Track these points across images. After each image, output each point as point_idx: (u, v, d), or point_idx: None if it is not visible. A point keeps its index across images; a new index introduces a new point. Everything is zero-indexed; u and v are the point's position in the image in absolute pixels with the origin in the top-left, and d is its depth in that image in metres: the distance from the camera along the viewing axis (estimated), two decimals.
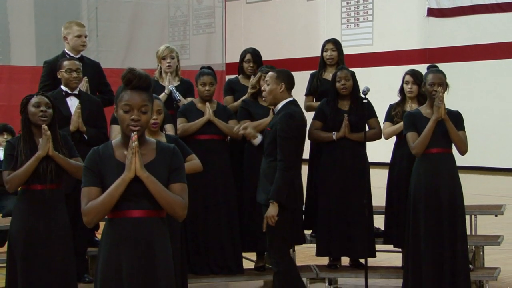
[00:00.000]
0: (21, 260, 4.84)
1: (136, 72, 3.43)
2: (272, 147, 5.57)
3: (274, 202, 5.41)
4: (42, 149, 4.82)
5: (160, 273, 3.43)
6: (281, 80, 5.63)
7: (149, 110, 3.45)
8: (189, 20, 18.37)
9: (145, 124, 3.43)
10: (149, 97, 3.46)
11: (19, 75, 14.83)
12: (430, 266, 5.77)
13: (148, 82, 3.45)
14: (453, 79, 5.95)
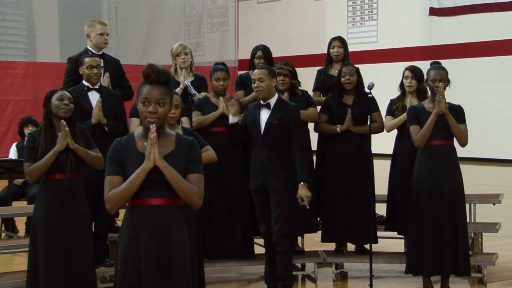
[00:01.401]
0: (43, 245, 4.85)
1: (155, 67, 3.44)
2: (280, 139, 5.62)
3: (305, 185, 5.58)
4: (60, 144, 4.83)
5: (176, 257, 3.43)
6: (273, 75, 5.73)
7: (167, 103, 3.44)
8: (203, 19, 18.38)
9: (162, 117, 3.43)
10: (167, 91, 3.45)
11: (44, 71, 14.90)
12: (432, 251, 5.78)
13: (166, 76, 3.45)
14: (453, 74, 5.93)
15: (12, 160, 7.87)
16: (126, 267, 3.43)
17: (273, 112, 5.71)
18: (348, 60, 7.11)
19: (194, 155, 3.49)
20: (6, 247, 6.62)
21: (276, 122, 5.66)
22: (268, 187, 5.66)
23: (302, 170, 5.61)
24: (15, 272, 6.34)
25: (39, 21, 15.89)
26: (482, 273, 6.45)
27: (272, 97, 5.73)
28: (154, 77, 3.41)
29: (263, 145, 5.70)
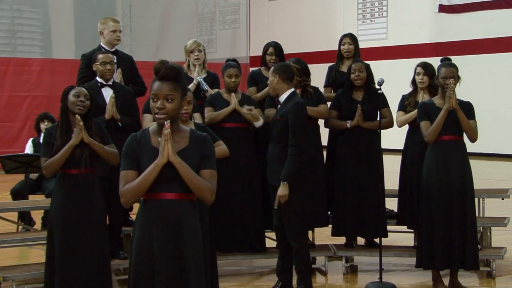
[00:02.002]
0: (58, 239, 4.87)
1: (165, 63, 3.44)
2: (282, 135, 5.59)
3: (285, 183, 5.47)
4: (75, 138, 4.84)
5: (189, 250, 3.43)
6: (276, 72, 5.69)
7: (176, 99, 3.42)
8: (215, 16, 18.39)
9: (171, 112, 3.41)
10: (176, 87, 3.42)
11: (59, 68, 14.94)
12: (442, 246, 5.76)
13: (176, 72, 3.43)
14: (463, 71, 5.91)
15: (28, 155, 7.91)
16: (140, 260, 3.44)
17: (280, 109, 5.71)
18: (359, 56, 7.10)
19: (208, 151, 3.49)
20: (23, 239, 6.64)
21: (279, 119, 5.64)
22: (270, 183, 5.66)
23: (285, 168, 5.51)
24: (30, 265, 6.36)
25: (55, 18, 15.93)
26: (490, 267, 6.43)
27: (282, 94, 5.70)
28: (163, 72, 3.41)
29: (271, 141, 5.71)
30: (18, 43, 15.39)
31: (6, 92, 14.73)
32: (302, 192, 5.71)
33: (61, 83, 14.02)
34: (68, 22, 16.03)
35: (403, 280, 6.33)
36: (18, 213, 7.61)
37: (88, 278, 4.87)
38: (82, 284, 4.85)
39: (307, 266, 5.78)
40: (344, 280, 6.50)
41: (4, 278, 5.79)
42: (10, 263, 6.47)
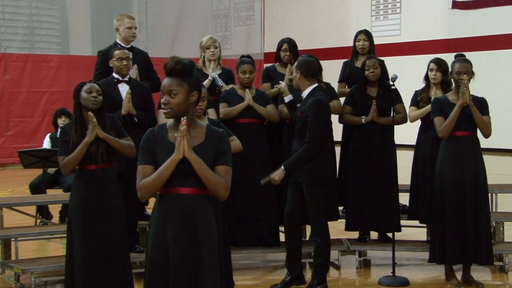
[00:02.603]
0: (78, 233, 4.88)
1: (174, 58, 3.43)
2: (304, 131, 5.57)
3: (284, 170, 5.51)
4: (90, 135, 4.84)
5: (203, 244, 3.42)
6: (298, 68, 5.68)
7: (180, 94, 3.40)
8: (230, 13, 18.39)
9: (174, 107, 3.40)
10: (181, 82, 3.40)
11: (76, 64, 15.00)
12: (455, 240, 5.74)
13: (181, 67, 3.41)
14: (475, 67, 5.88)
15: (46, 150, 7.94)
16: (155, 253, 3.44)
17: (301, 105, 5.70)
18: (373, 53, 7.08)
19: (224, 147, 3.48)
20: (41, 233, 6.69)
21: (300, 115, 5.63)
22: (297, 179, 5.65)
23: (292, 158, 5.56)
24: (49, 258, 6.40)
25: (72, 15, 15.99)
26: (503, 262, 6.42)
27: (304, 89, 5.67)
28: (169, 67, 3.41)
29: (294, 138, 5.70)
30: (37, 39, 15.46)
31: (24, 88, 14.80)
32: (328, 189, 5.77)
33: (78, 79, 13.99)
34: (85, 19, 16.08)
35: (416, 274, 6.31)
36: (36, 207, 7.66)
37: (108, 271, 4.89)
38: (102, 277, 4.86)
39: (325, 262, 5.78)
40: (357, 274, 6.49)
41: (23, 270, 5.83)
42: (28, 256, 6.50)
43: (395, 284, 5.97)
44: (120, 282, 4.92)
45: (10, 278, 6.11)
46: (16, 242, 6.25)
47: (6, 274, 6.20)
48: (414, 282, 6.07)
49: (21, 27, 15.09)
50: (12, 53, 14.70)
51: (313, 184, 5.59)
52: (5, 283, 6.09)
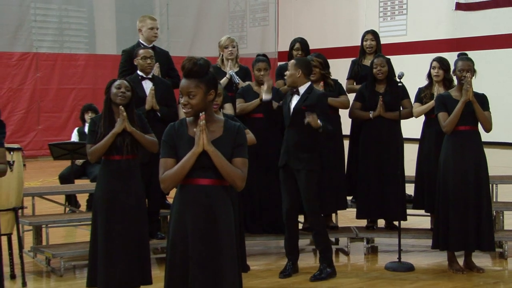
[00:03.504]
0: (102, 219, 4.90)
1: (190, 59, 3.41)
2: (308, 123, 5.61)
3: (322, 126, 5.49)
4: (118, 127, 4.86)
5: (221, 231, 3.42)
6: (299, 67, 5.70)
7: (198, 94, 3.39)
8: (246, 14, 18.37)
9: (195, 107, 3.40)
10: (199, 83, 3.39)
11: (102, 62, 15.05)
12: (457, 228, 5.74)
13: (198, 68, 3.39)
14: (477, 65, 5.85)
15: (74, 143, 7.99)
16: (176, 239, 3.45)
17: (301, 99, 5.69)
18: (380, 51, 7.07)
19: (240, 140, 3.48)
20: (70, 220, 6.73)
21: (304, 108, 5.63)
22: (293, 167, 5.65)
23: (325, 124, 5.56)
24: (76, 243, 6.45)
25: (99, 17, 16.03)
26: (503, 248, 6.40)
27: (301, 85, 5.71)
28: (186, 69, 3.40)
29: (291, 128, 5.69)
30: (65, 40, 15.51)
31: (54, 85, 14.88)
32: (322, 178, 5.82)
33: (104, 76, 14.15)
34: (111, 21, 16.12)
35: (421, 260, 6.30)
36: (65, 196, 7.70)
37: (129, 256, 4.91)
38: (123, 261, 4.88)
39: (328, 246, 5.80)
40: (365, 260, 6.48)
41: (53, 255, 5.88)
42: (58, 241, 6.55)
43: (401, 269, 5.96)
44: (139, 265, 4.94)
45: (41, 262, 6.15)
46: (47, 229, 6.29)
47: (38, 258, 6.24)
48: (419, 267, 6.06)
49: (51, 28, 15.15)
50: (42, 53, 14.77)
51: (312, 171, 5.62)
52: (37, 266, 6.13)
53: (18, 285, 5.52)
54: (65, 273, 5.85)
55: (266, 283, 5.62)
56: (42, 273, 5.97)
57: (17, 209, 5.44)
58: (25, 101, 14.57)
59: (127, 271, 4.88)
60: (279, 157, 6.20)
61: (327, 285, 5.57)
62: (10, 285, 5.47)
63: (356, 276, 5.87)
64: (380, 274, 5.89)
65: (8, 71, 14.37)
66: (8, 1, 14.45)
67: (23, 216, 6.17)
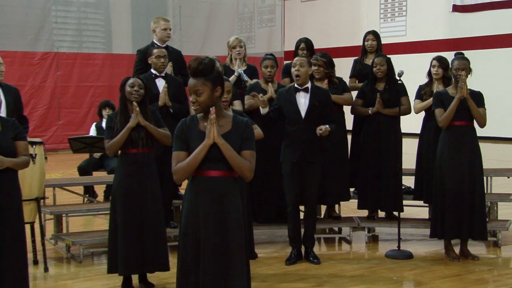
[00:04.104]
0: (120, 209, 4.92)
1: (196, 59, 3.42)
2: (319, 118, 5.69)
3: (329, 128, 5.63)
4: (132, 121, 4.88)
5: (230, 220, 3.43)
6: (310, 65, 5.81)
7: (205, 92, 3.40)
8: (254, 16, 18.34)
9: (202, 104, 3.41)
10: (205, 81, 3.40)
11: (118, 61, 15.07)
12: (452, 218, 5.72)
13: (203, 67, 3.40)
14: (474, 64, 5.82)
15: (92, 137, 8.00)
16: (188, 227, 3.46)
17: (312, 96, 5.68)
18: (381, 51, 7.04)
19: (248, 134, 3.48)
20: (88, 210, 6.75)
21: (317, 104, 5.64)
22: (309, 160, 5.65)
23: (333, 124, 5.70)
24: (94, 232, 6.47)
25: (115, 18, 16.03)
26: (497, 237, 6.39)
27: (307, 83, 5.72)
28: (192, 68, 3.41)
29: (305, 124, 5.67)
30: (84, 40, 15.53)
31: (73, 83, 14.91)
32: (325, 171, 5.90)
33: (120, 74, 14.13)
34: (126, 22, 16.12)
35: (419, 248, 6.29)
36: (84, 187, 7.72)
37: (147, 244, 4.92)
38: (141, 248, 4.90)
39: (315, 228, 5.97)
40: (367, 248, 6.48)
41: (73, 242, 5.90)
42: (77, 230, 6.57)
43: (400, 257, 5.95)
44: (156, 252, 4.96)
45: (62, 249, 6.18)
46: (67, 218, 6.31)
47: (59, 245, 6.27)
48: (417, 255, 6.05)
49: (70, 29, 15.17)
50: (63, 52, 14.80)
51: (321, 164, 5.70)
52: (57, 253, 6.16)
53: (40, 270, 5.55)
54: (84, 259, 5.87)
55: (273, 270, 5.62)
56: (62, 259, 6.00)
57: (39, 199, 5.47)
58: (46, 98, 14.62)
59: (144, 258, 4.91)
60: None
61: (330, 271, 5.57)
62: (33, 271, 5.50)
63: (358, 263, 5.87)
64: (380, 262, 5.89)
65: (31, 70, 14.42)
66: (31, 4, 14.50)
67: (44, 205, 6.19)
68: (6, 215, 4.25)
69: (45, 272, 5.51)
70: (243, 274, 3.46)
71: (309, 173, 5.67)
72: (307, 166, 5.66)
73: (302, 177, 5.70)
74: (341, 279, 5.35)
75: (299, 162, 5.68)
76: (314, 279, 5.34)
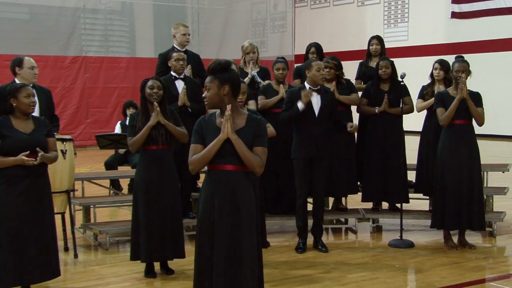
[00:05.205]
0: (142, 201, 4.92)
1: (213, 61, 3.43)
2: (328, 116, 5.70)
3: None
4: (152, 120, 4.88)
5: (243, 211, 3.40)
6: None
7: (212, 88, 3.39)
8: (267, 22, 18.32)
9: (208, 99, 3.41)
10: (213, 79, 3.39)
11: (142, 64, 15.11)
12: (451, 210, 5.69)
13: (215, 66, 3.40)
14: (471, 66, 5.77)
15: (117, 134, 8.02)
16: (204, 217, 3.44)
17: (323, 96, 5.66)
18: (384, 54, 7.00)
19: (260, 131, 3.45)
20: (113, 201, 6.77)
21: (327, 104, 5.65)
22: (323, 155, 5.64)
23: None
24: (119, 221, 6.48)
25: (138, 25, 16.09)
26: (492, 228, 6.34)
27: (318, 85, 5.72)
28: (208, 67, 3.43)
29: (318, 122, 5.64)
30: (110, 45, 15.59)
31: (100, 84, 14.97)
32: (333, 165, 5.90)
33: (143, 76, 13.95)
34: (149, 28, 16.16)
35: (420, 238, 6.25)
36: (110, 181, 7.74)
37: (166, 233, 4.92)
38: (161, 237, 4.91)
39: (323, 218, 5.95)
40: (371, 237, 6.44)
41: (100, 231, 5.92)
42: (104, 220, 6.59)
43: (403, 245, 5.91)
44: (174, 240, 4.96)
45: (90, 237, 6.19)
46: (94, 209, 6.34)
47: (87, 234, 6.28)
48: (418, 244, 6.01)
49: (98, 35, 15.23)
50: (90, 56, 14.86)
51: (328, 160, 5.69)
52: (86, 241, 6.18)
53: (70, 257, 5.57)
54: (110, 247, 5.89)
55: (284, 257, 5.60)
56: (90, 246, 6.02)
57: (69, 191, 5.48)
58: (76, 98, 14.69)
59: (164, 246, 4.92)
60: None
61: (337, 259, 5.54)
62: (64, 257, 5.52)
63: (363, 252, 5.84)
64: (384, 250, 5.85)
65: (62, 73, 14.50)
66: (62, 13, 14.60)
67: (74, 197, 6.21)
68: (40, 204, 4.36)
69: (75, 258, 5.52)
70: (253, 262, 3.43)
71: (319, 168, 5.65)
72: (317, 161, 5.64)
73: (312, 171, 5.67)
74: (348, 266, 5.33)
75: (310, 158, 5.65)
76: (323, 266, 5.32)
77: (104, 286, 4.82)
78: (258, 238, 3.49)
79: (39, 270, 4.36)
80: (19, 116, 4.41)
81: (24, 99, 4.39)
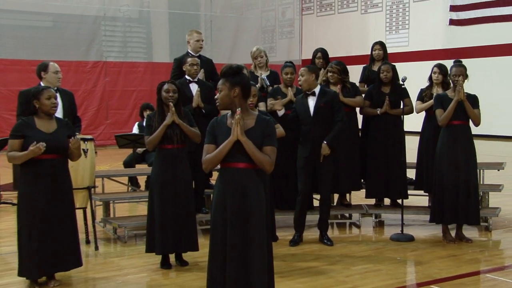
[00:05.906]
0: (157, 197, 4.93)
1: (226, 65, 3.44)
2: (326, 117, 5.64)
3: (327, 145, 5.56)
4: (168, 120, 4.90)
5: (253, 206, 3.40)
6: (312, 72, 5.71)
7: (223, 90, 3.40)
8: (275, 28, 18.32)
9: (220, 100, 3.42)
10: (225, 81, 3.41)
11: (158, 69, 15.15)
12: (450, 206, 5.68)
13: (226, 70, 3.42)
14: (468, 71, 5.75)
15: (135, 134, 8.03)
16: (217, 212, 3.44)
17: (318, 98, 5.65)
18: (387, 59, 6.99)
19: (269, 131, 3.45)
20: (132, 197, 6.80)
21: (323, 105, 5.61)
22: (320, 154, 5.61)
23: (331, 134, 5.57)
24: (137, 216, 6.50)
25: (155, 32, 16.13)
26: (488, 223, 6.32)
27: (314, 88, 5.69)
28: (221, 71, 3.43)
29: (314, 123, 5.64)
30: (128, 50, 15.64)
31: (119, 87, 15.02)
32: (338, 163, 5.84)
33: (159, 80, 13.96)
34: (165, 35, 16.20)
35: (420, 232, 6.23)
36: (128, 178, 7.77)
37: (180, 227, 4.93)
38: (175, 231, 4.92)
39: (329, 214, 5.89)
40: (374, 231, 6.43)
41: (119, 225, 5.94)
42: (122, 214, 6.61)
43: (403, 239, 5.90)
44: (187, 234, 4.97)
45: (109, 231, 6.22)
46: (114, 204, 6.36)
47: (107, 227, 6.31)
48: (418, 238, 5.99)
49: (117, 41, 15.30)
50: (110, 61, 14.93)
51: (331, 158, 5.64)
52: (106, 234, 6.20)
53: (92, 249, 5.60)
54: (128, 240, 5.91)
55: (291, 250, 5.60)
56: (110, 239, 6.04)
57: (90, 188, 5.51)
58: (96, 101, 14.75)
59: (177, 239, 4.92)
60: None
61: (342, 252, 5.54)
62: (85, 249, 5.55)
63: (366, 245, 5.83)
64: (386, 244, 5.84)
65: (83, 76, 14.57)
66: (83, 21, 14.68)
67: (95, 193, 6.24)
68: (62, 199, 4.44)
69: (95, 250, 5.55)
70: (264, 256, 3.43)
71: (323, 166, 5.63)
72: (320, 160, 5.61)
73: (314, 170, 5.66)
74: (351, 258, 5.32)
75: (310, 157, 5.65)
76: (328, 258, 5.32)
77: (123, 277, 4.84)
78: (267, 233, 3.49)
79: (63, 260, 4.41)
80: (43, 117, 4.45)
81: (46, 101, 4.42)
